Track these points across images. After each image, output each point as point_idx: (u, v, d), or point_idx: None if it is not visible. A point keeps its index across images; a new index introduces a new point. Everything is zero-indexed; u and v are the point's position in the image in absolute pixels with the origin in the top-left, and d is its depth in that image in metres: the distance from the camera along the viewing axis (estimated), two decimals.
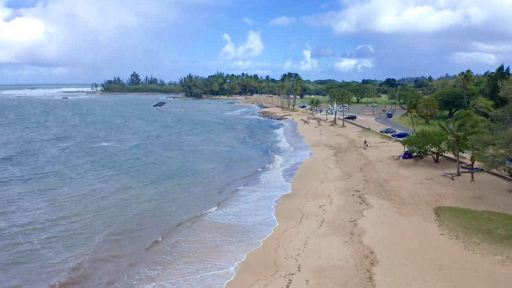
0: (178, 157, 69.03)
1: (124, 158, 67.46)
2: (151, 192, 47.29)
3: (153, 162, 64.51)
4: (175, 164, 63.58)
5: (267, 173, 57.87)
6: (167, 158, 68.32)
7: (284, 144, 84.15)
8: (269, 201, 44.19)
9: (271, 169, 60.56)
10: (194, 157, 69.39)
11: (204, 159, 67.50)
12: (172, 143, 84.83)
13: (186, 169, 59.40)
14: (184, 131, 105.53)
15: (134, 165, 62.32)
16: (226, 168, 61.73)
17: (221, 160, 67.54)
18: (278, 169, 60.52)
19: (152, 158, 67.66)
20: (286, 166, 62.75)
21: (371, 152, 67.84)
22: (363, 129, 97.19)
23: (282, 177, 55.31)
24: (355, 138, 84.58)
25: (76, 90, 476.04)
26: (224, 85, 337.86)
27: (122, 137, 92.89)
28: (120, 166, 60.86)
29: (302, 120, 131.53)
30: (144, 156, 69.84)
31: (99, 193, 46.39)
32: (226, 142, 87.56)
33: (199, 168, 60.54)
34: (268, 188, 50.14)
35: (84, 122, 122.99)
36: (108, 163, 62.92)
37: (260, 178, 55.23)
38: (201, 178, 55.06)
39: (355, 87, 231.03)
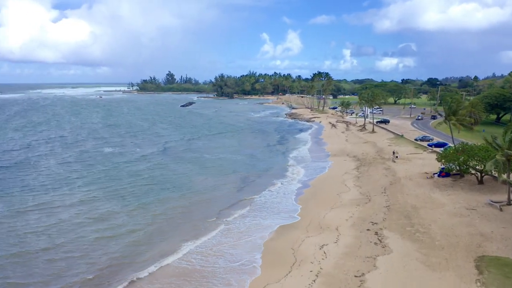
0: (185, 172, 58.92)
1: (121, 173, 59.71)
2: (128, 222, 39.21)
3: (152, 178, 54.42)
4: (176, 181, 53.37)
5: (272, 192, 48.86)
6: (172, 173, 57.91)
7: (303, 153, 74.61)
8: (260, 233, 35.29)
9: (278, 186, 51.47)
10: (202, 170, 59.80)
11: (213, 173, 58.08)
12: (187, 152, 75.17)
13: (185, 188, 49.81)
14: (203, 136, 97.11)
15: (127, 182, 52.90)
16: (230, 185, 52.44)
17: (230, 173, 58.56)
18: (286, 186, 51.37)
19: (155, 173, 57.82)
20: (297, 182, 53.48)
21: (400, 166, 57.29)
22: (395, 136, 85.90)
23: (288, 198, 46.17)
24: (384, 147, 73.82)
25: (114, 89, 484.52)
26: (256, 84, 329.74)
27: (135, 143, 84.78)
28: (111, 184, 52.68)
29: (330, 124, 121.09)
30: (146, 170, 59.66)
31: (64, 224, 38.68)
32: (242, 150, 78.85)
33: (200, 186, 50.88)
34: (266, 212, 41.21)
35: (104, 125, 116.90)
36: (98, 180, 55.40)
37: (262, 198, 46.30)
38: (196, 199, 45.98)
39: (392, 87, 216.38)
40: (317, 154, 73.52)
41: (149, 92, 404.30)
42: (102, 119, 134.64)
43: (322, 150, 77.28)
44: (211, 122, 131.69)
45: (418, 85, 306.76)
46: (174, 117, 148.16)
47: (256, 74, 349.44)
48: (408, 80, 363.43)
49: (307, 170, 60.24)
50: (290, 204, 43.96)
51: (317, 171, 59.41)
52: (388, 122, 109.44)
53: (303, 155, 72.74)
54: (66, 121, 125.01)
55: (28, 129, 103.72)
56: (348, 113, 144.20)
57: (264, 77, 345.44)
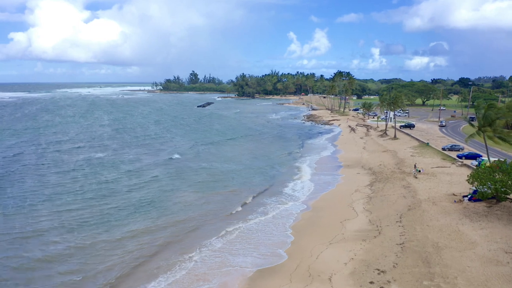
0: (175, 188, 50.76)
1: (100, 192, 52.86)
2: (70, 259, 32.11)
3: (129, 200, 46.59)
4: (159, 203, 45.39)
5: (264, 216, 40.65)
6: (159, 192, 48.95)
7: (312, 163, 65.88)
8: (226, 280, 27.33)
9: (273, 208, 43.26)
10: (196, 187, 51.06)
11: (206, 189, 49.88)
12: (191, 162, 66.18)
13: (163, 212, 41.93)
14: (213, 143, 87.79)
15: (98, 204, 45.70)
16: (219, 205, 44.56)
17: (224, 189, 50.49)
18: (282, 209, 43.11)
19: (139, 193, 49.12)
20: (297, 202, 45.14)
21: (423, 184, 48.06)
22: (419, 144, 75.98)
23: (280, 226, 37.92)
24: (405, 158, 64.33)
25: (138, 89, 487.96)
26: (278, 84, 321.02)
27: (137, 151, 76.22)
28: (70, 207, 46.19)
29: (349, 127, 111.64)
30: (131, 187, 51.20)
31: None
32: (248, 159, 70.45)
33: (184, 209, 42.64)
34: (248, 245, 33.21)
35: (112, 129, 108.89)
36: (61, 198, 48.81)
37: (251, 225, 38.22)
38: (172, 230, 37.46)
39: (421, 88, 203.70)
40: (328, 164, 64.79)
41: (172, 91, 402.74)
42: (112, 121, 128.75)
43: (334, 160, 68.44)
44: (224, 125, 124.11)
45: (448, 85, 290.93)
46: (188, 119, 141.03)
47: (278, 73, 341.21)
48: (438, 80, 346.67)
49: (312, 186, 51.72)
50: (281, 234, 35.70)
51: (323, 188, 50.82)
52: (413, 127, 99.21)
53: (311, 166, 64.06)
54: (73, 124, 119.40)
55: (26, 133, 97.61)
56: (370, 116, 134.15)
57: (286, 76, 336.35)
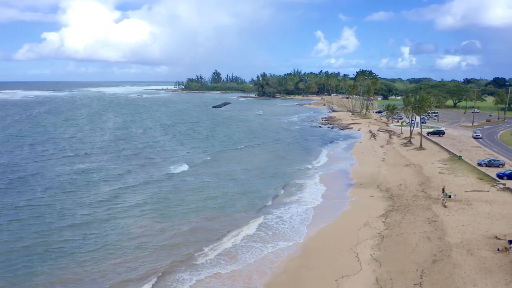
0: (132, 221, 42.34)
1: (58, 223, 43.84)
2: None
3: (84, 235, 38.48)
4: (111, 236, 37.22)
5: (225, 267, 30.54)
6: (122, 223, 40.62)
7: (317, 180, 54.92)
8: None
9: (247, 250, 32.92)
10: (161, 217, 40.90)
11: (175, 219, 40.68)
12: (179, 182, 56.07)
13: (105, 255, 32.76)
14: (214, 153, 77.40)
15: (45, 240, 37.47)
16: (182, 245, 34.97)
17: (203, 218, 40.76)
18: (261, 251, 32.79)
19: (102, 225, 41.72)
20: (280, 242, 34.59)
21: (454, 217, 36.74)
22: (450, 157, 63.76)
23: (250, 283, 27.70)
24: (433, 176, 52.65)
25: (161, 88, 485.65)
26: (300, 84, 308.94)
27: (130, 165, 64.63)
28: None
29: (370, 133, 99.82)
30: (97, 216, 41.93)
31: None
32: (243, 173, 60.08)
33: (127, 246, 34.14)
34: None
35: (113, 134, 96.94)
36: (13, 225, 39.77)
37: (208, 282, 28.20)
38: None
39: (452, 88, 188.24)
40: (337, 182, 53.79)
41: (194, 91, 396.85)
42: (118, 125, 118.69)
43: (345, 175, 57.34)
44: (234, 129, 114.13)
45: (482, 86, 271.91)
46: (201, 122, 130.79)
47: (301, 72, 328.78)
48: (471, 80, 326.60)
49: (310, 214, 41.14)
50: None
51: (325, 217, 40.10)
52: (443, 134, 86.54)
53: (315, 184, 53.23)
54: (73, 128, 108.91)
55: (14, 139, 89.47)
56: (395, 119, 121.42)
57: (309, 75, 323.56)
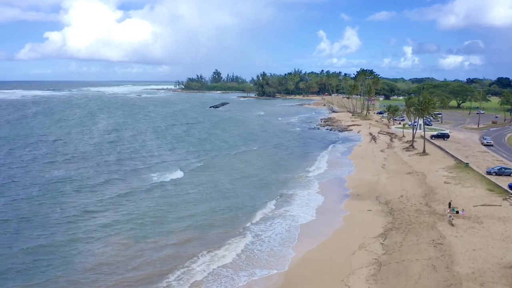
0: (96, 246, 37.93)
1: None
2: None
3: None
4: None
5: None
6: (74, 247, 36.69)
7: (308, 188, 50.03)
8: None
9: (212, 281, 28.11)
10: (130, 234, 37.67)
11: (135, 241, 36.41)
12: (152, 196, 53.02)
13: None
14: (199, 157, 73.61)
15: None
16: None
17: (158, 238, 36.22)
18: (225, 285, 27.90)
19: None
20: (256, 270, 29.65)
21: (463, 239, 31.73)
22: (456, 163, 58.62)
23: None
24: (437, 185, 47.56)
25: (161, 88, 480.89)
26: (300, 83, 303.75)
27: (110, 177, 61.08)
28: None
29: (370, 135, 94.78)
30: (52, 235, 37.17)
31: None
32: (223, 186, 55.67)
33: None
34: None
35: (101, 138, 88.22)
36: None
37: None
38: None
39: (456, 88, 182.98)
40: (332, 192, 48.72)
41: (194, 90, 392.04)
42: (111, 126, 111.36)
43: (341, 184, 52.30)
44: (230, 131, 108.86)
45: (486, 86, 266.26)
46: (196, 124, 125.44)
47: (301, 72, 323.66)
48: (474, 80, 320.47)
49: (296, 232, 36.14)
50: None
51: (314, 237, 34.98)
52: (447, 137, 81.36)
53: (309, 194, 48.20)
54: (63, 130, 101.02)
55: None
56: (397, 121, 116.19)
57: (310, 75, 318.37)
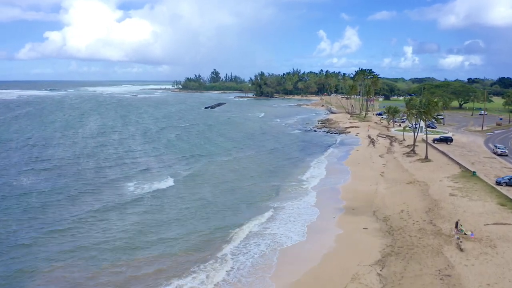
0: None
1: None
2: None
3: None
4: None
5: None
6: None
7: (296, 204, 44.73)
8: None
9: None
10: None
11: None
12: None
13: None
14: (187, 161, 68.65)
15: None
16: None
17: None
18: None
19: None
20: None
21: (474, 269, 26.61)
22: (461, 171, 53.34)
23: None
24: (442, 198, 42.34)
25: (159, 88, 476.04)
26: (299, 83, 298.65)
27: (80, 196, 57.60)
28: None
29: (368, 138, 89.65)
30: None
31: None
32: (205, 200, 50.78)
33: None
34: None
35: (85, 143, 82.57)
36: None
37: None
38: None
39: (457, 88, 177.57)
40: (324, 205, 43.54)
41: (192, 90, 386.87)
42: (98, 129, 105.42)
43: (335, 195, 47.10)
44: (218, 135, 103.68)
45: (487, 86, 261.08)
46: (186, 127, 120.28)
47: (300, 72, 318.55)
48: (475, 80, 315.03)
49: (274, 257, 31.07)
50: None
51: (294, 266, 29.80)
52: (451, 141, 76.23)
53: (297, 208, 43.03)
54: (44, 134, 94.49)
55: None
56: (397, 123, 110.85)
57: (308, 75, 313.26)
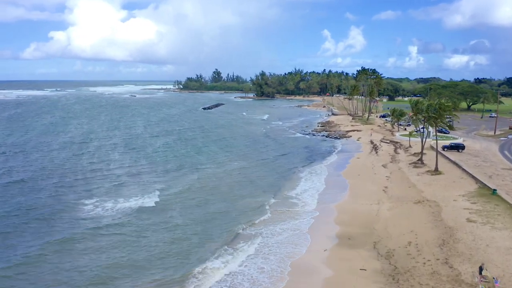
0: None
1: None
2: None
3: None
4: None
5: None
6: None
7: (282, 227, 37.25)
8: None
9: None
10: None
11: None
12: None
13: None
14: (169, 177, 62.22)
15: None
16: None
17: None
18: None
19: None
20: None
21: None
22: (478, 187, 45.37)
23: None
24: (459, 226, 34.36)
25: (160, 87, 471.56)
26: (301, 83, 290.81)
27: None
28: None
29: (371, 144, 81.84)
30: None
31: None
32: (171, 227, 43.47)
33: None
34: None
35: (55, 152, 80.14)
36: None
37: None
38: None
39: (466, 89, 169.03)
40: (312, 230, 35.89)
41: (192, 90, 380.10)
42: (80, 136, 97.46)
43: (328, 217, 39.14)
44: (209, 140, 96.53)
45: (495, 86, 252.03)
46: (178, 132, 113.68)
47: (302, 71, 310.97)
48: (482, 80, 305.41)
49: None
50: None
51: None
52: (463, 149, 68.24)
53: (272, 235, 35.43)
54: (19, 140, 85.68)
55: None
56: (402, 126, 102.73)
57: (311, 75, 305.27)
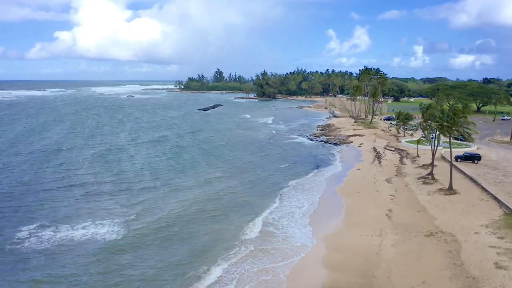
0: None
1: None
2: None
3: None
4: None
5: None
6: None
7: (254, 271, 29.19)
8: None
9: None
10: None
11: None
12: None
13: None
14: (145, 197, 54.45)
15: None
16: None
17: None
18: None
19: None
20: None
21: None
22: (504, 214, 36.69)
23: None
24: (485, 274, 25.92)
25: (161, 87, 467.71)
26: (303, 83, 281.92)
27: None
28: None
29: (374, 152, 73.32)
30: None
31: None
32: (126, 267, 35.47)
33: None
34: None
35: (18, 164, 74.09)
36: None
37: None
38: None
39: (476, 89, 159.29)
40: (291, 279, 27.73)
41: (194, 90, 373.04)
42: (56, 143, 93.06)
43: (313, 259, 31.01)
44: (194, 147, 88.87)
45: (504, 86, 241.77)
46: (166, 139, 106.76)
47: (305, 71, 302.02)
48: (491, 80, 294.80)
49: None
50: None
51: None
52: (479, 160, 59.40)
53: (246, 278, 27.35)
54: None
55: None
56: (409, 131, 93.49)
57: (313, 74, 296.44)
